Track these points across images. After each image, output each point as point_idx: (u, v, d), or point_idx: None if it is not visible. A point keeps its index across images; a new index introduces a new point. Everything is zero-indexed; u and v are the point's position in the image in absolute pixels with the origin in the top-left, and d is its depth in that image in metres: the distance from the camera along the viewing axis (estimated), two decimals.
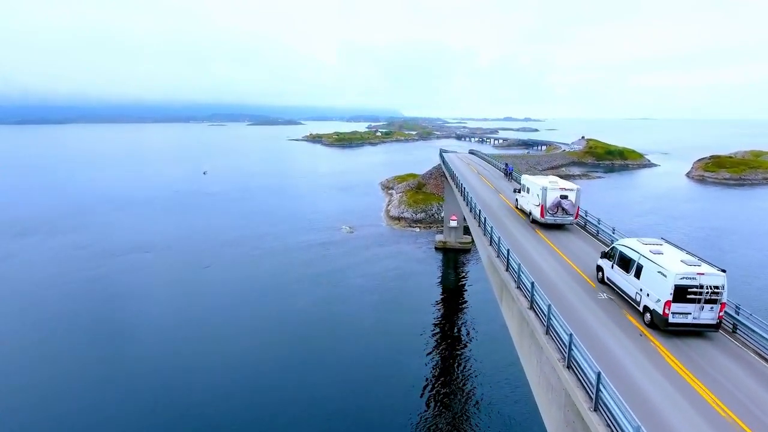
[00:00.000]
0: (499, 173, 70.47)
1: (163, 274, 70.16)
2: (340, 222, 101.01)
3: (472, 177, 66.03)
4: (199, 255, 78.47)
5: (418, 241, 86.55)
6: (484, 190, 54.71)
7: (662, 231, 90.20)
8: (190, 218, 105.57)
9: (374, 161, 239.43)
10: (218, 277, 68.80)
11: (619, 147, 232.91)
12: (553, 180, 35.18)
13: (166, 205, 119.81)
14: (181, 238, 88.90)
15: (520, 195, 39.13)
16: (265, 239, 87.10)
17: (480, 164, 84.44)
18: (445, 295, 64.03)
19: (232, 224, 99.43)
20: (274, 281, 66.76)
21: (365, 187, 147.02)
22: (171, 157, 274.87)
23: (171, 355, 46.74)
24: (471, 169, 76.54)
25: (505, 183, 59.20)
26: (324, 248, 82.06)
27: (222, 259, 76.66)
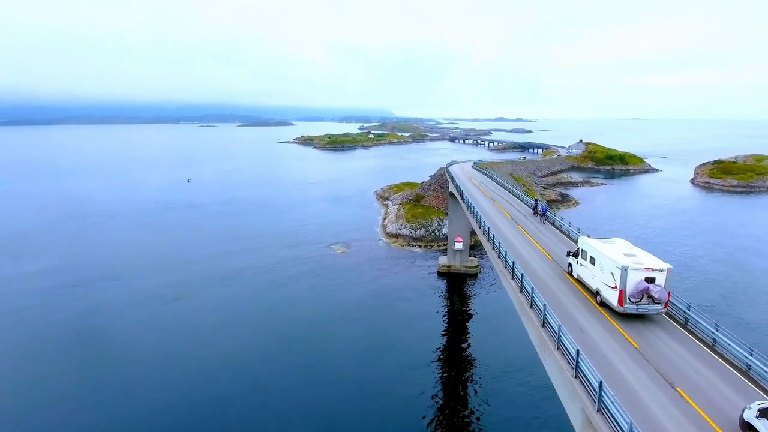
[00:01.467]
0: (521, 203, 58.62)
1: (129, 310, 61.45)
2: (333, 239, 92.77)
3: (491, 209, 54.03)
4: (168, 288, 69.72)
5: (419, 264, 78.46)
6: (514, 235, 42.46)
7: (686, 254, 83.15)
8: (166, 238, 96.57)
9: (367, 167, 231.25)
10: (186, 320, 60.14)
11: (620, 151, 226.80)
12: (629, 251, 25.76)
13: (143, 221, 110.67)
14: (154, 263, 79.86)
15: (578, 262, 29.29)
16: (246, 267, 78.25)
17: (497, 191, 71.03)
18: (450, 337, 55.99)
19: (211, 245, 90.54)
20: (253, 328, 58.08)
21: (359, 198, 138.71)
22: (156, 161, 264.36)
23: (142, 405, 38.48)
24: (483, 192, 67.89)
25: (537, 224, 46.43)
26: (313, 275, 73.63)
27: (190, 295, 67.92)
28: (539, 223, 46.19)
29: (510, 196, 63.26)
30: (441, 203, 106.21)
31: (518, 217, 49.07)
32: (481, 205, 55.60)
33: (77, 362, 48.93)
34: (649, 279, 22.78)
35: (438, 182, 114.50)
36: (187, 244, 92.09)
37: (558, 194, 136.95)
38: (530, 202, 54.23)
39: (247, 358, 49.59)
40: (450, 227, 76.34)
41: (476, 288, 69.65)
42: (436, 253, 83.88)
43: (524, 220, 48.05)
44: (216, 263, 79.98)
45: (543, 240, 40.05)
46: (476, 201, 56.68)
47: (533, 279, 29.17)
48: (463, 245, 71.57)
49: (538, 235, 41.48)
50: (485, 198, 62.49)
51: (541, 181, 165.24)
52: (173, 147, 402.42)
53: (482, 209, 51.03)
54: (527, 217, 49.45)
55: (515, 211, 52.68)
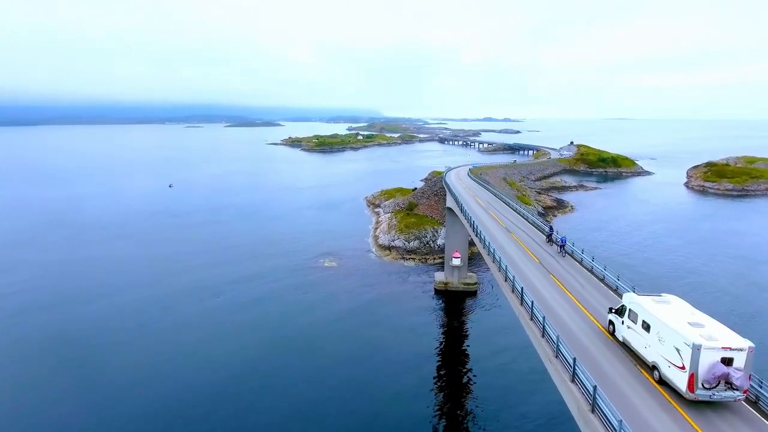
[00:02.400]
0: (532, 228, 52.27)
1: (108, 328, 55.98)
2: (322, 251, 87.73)
3: (502, 237, 47.55)
4: (145, 304, 64.24)
5: (414, 281, 73.78)
6: (532, 272, 36.56)
7: (689, 264, 79.63)
8: (145, 250, 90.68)
9: (357, 170, 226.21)
10: (164, 338, 54.81)
11: (612, 154, 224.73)
12: (693, 318, 20.80)
13: (121, 231, 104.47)
14: (132, 278, 74.26)
15: (623, 322, 23.90)
16: (229, 282, 73.04)
17: (503, 211, 63.69)
18: (449, 369, 51.42)
19: (191, 258, 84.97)
20: (234, 350, 52.96)
21: (349, 204, 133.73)
22: (138, 164, 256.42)
23: None
24: (486, 210, 62.77)
25: (555, 256, 40.47)
26: (301, 292, 68.65)
27: (167, 314, 62.50)
28: (558, 255, 40.45)
29: (520, 220, 56.66)
30: (435, 212, 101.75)
31: (534, 248, 43.06)
32: (489, 229, 49.76)
33: (50, 385, 44.04)
34: (726, 359, 18.10)
35: (431, 189, 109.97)
36: (166, 256, 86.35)
37: (553, 200, 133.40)
38: (545, 228, 48.16)
39: (226, 386, 44.97)
40: (447, 242, 71.76)
41: (476, 309, 65.14)
42: (432, 268, 79.30)
43: (540, 251, 42.10)
44: (196, 277, 74.59)
45: (570, 282, 33.87)
46: (485, 228, 49.55)
47: (566, 336, 24.60)
48: (461, 261, 67.07)
49: (561, 274, 35.44)
50: (492, 220, 56.35)
51: (535, 185, 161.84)
52: (157, 149, 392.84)
53: (492, 237, 45.40)
54: (542, 246, 43.65)
55: (527, 238, 46.73)
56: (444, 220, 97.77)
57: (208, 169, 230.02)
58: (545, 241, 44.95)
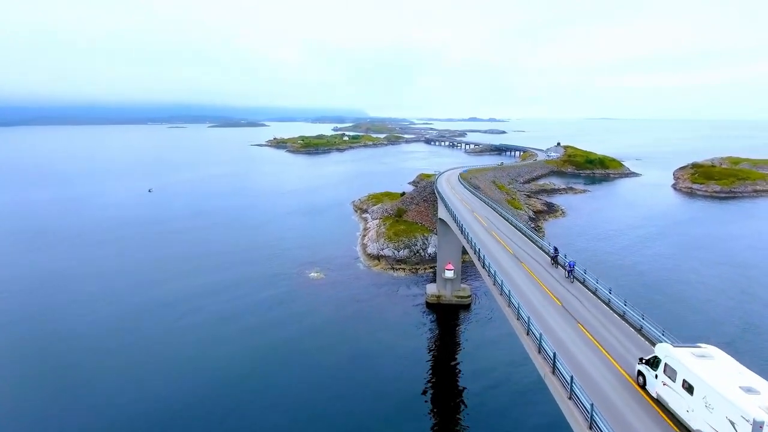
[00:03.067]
0: (531, 245, 48.57)
1: (85, 339, 51.45)
2: (308, 261, 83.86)
3: (503, 258, 43.64)
4: (117, 321, 59.79)
5: (404, 294, 70.35)
6: (540, 301, 32.82)
7: (687, 271, 77.61)
8: (116, 262, 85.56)
9: (343, 172, 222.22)
10: (127, 368, 50.46)
11: (599, 155, 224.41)
12: (743, 379, 17.63)
13: (95, 240, 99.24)
14: (106, 290, 69.52)
15: (656, 376, 20.61)
16: (205, 295, 68.78)
17: (500, 225, 58.74)
18: (443, 390, 48.16)
19: (167, 270, 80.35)
20: (209, 374, 48.97)
21: (336, 210, 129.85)
22: (119, 167, 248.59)
23: None
24: (488, 230, 59.24)
25: (563, 282, 36.74)
26: (285, 307, 64.83)
27: (138, 332, 58.15)
28: (565, 281, 36.74)
29: (519, 236, 52.55)
30: (425, 218, 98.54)
31: (538, 271, 39.39)
32: (489, 249, 46.12)
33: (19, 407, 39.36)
34: None
35: (421, 195, 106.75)
36: (141, 268, 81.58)
37: (543, 203, 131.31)
38: (549, 249, 43.58)
39: (200, 410, 41.79)
40: (439, 253, 68.48)
41: (470, 323, 62.01)
42: (423, 279, 76.03)
43: (546, 276, 38.30)
44: (172, 290, 70.31)
45: (583, 315, 30.05)
46: (484, 246, 45.97)
47: (583, 380, 21.42)
48: (454, 273, 63.90)
49: (572, 304, 31.79)
50: (490, 237, 51.77)
51: (524, 188, 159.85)
52: (138, 151, 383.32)
53: (492, 258, 42.02)
54: (546, 269, 39.95)
55: (529, 259, 43.26)
56: (434, 227, 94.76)
57: (189, 172, 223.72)
58: (550, 263, 41.47)
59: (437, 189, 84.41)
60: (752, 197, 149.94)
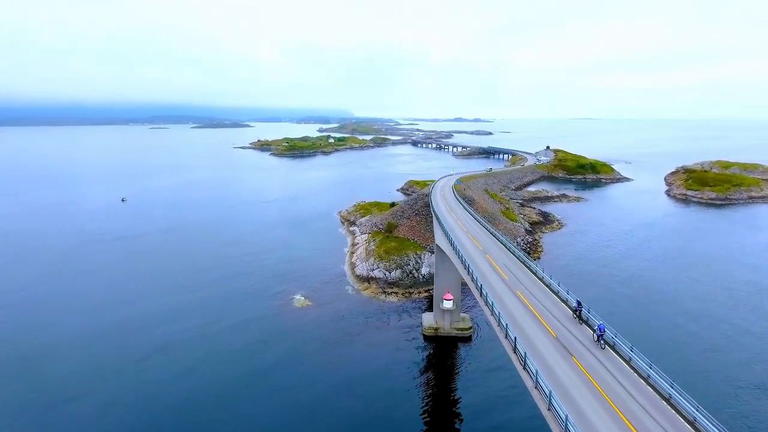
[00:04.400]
0: (548, 292, 41.88)
1: (15, 391, 44.01)
2: (292, 284, 76.96)
3: (517, 310, 37.90)
4: (58, 364, 52.30)
5: (398, 324, 63.83)
6: (571, 378, 27.16)
7: (694, 293, 72.62)
8: (83, 285, 77.64)
9: (329, 178, 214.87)
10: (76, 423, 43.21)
11: (590, 159, 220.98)
12: None
13: (58, 258, 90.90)
14: (64, 319, 61.77)
15: None
16: (176, 333, 61.37)
17: (508, 263, 51.52)
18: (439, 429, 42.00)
19: (134, 296, 72.62)
20: (177, 417, 42.14)
21: (322, 221, 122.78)
22: (93, 172, 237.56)
23: None
24: (500, 272, 52.31)
25: (582, 340, 31.53)
26: (263, 347, 57.77)
27: (95, 378, 50.78)
28: (594, 345, 30.71)
29: (534, 282, 44.89)
30: (417, 234, 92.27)
31: (559, 330, 33.23)
32: (501, 298, 40.04)
33: None
34: None
35: (412, 208, 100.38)
36: (104, 294, 73.88)
37: (538, 213, 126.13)
38: (572, 302, 37.05)
39: None
40: (437, 281, 62.08)
41: (471, 359, 55.84)
42: (418, 306, 69.65)
43: (569, 336, 32.22)
44: (137, 323, 63.02)
45: (621, 398, 24.19)
46: (497, 298, 39.98)
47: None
48: (453, 304, 57.69)
49: (606, 381, 25.98)
50: (506, 288, 44.03)
51: (517, 195, 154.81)
52: (115, 153, 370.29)
53: (503, 306, 36.14)
54: (568, 326, 33.86)
55: (545, 311, 36.78)
56: (428, 244, 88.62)
57: (167, 178, 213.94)
58: (572, 317, 35.47)
59: (435, 212, 77.16)
60: (747, 204, 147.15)
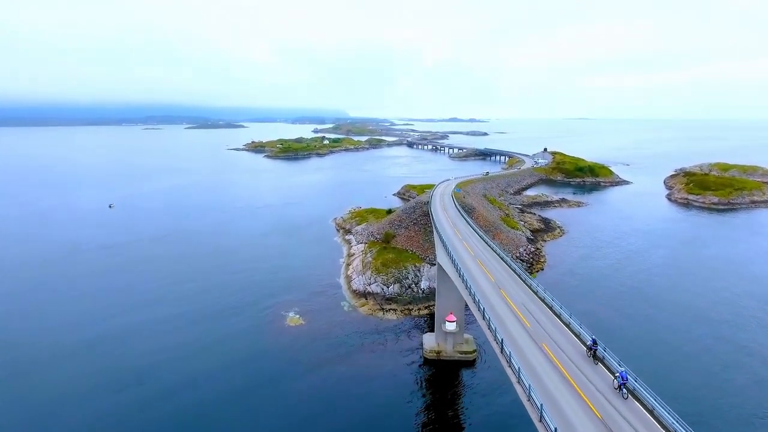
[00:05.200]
0: (553, 318, 39.02)
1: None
2: (285, 299, 73.03)
3: (516, 330, 36.55)
4: (37, 381, 48.09)
5: (397, 347, 59.95)
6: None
7: (710, 309, 69.24)
8: (61, 301, 73.23)
9: (323, 181, 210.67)
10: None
11: (588, 162, 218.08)
12: None
13: (35, 274, 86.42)
14: (30, 335, 57.40)
15: None
16: (159, 353, 57.39)
17: (516, 288, 46.89)
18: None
19: (116, 313, 68.25)
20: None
21: (316, 229, 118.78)
22: (81, 176, 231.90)
23: None
24: (499, 291, 47.69)
25: (593, 379, 29.11)
26: (250, 369, 53.86)
27: (72, 404, 46.68)
28: (615, 394, 27.23)
29: (541, 308, 41.41)
30: (416, 244, 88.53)
31: (572, 370, 30.03)
32: (507, 327, 36.66)
33: None
34: None
35: (410, 217, 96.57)
36: (85, 310, 69.78)
37: (539, 220, 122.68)
38: (587, 338, 33.31)
39: None
40: (439, 301, 58.22)
41: (476, 385, 52.11)
42: (418, 325, 65.84)
43: (583, 379, 28.94)
44: (118, 344, 59.04)
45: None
46: (501, 323, 37.07)
47: None
48: (456, 326, 53.97)
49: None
50: (504, 304, 41.76)
51: (516, 200, 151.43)
52: (105, 155, 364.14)
53: (515, 345, 32.87)
54: (580, 366, 30.55)
55: (554, 344, 33.58)
56: (426, 255, 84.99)
57: (157, 181, 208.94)
58: (586, 354, 32.07)
59: (436, 228, 72.87)
60: (750, 208, 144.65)
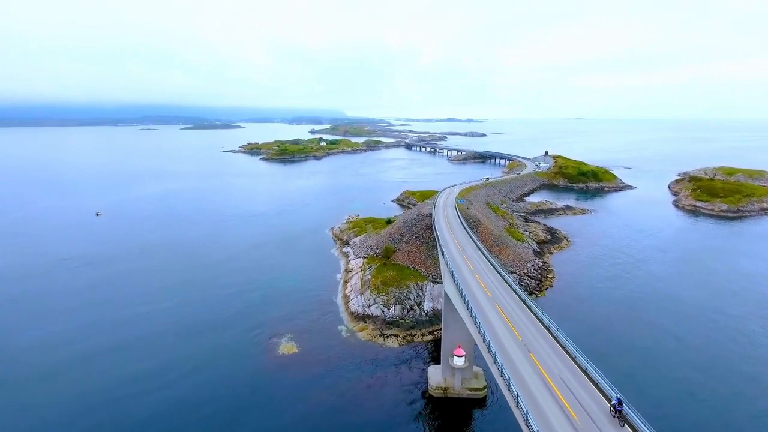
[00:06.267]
0: (574, 368, 34.84)
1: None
2: (277, 324, 67.72)
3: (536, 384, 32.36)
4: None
5: (399, 378, 54.82)
6: None
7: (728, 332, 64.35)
8: (31, 321, 67.70)
9: (320, 186, 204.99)
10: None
11: (591, 166, 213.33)
12: None
13: (10, 290, 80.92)
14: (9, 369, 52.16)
15: None
16: (135, 381, 52.14)
17: (532, 329, 41.86)
18: None
19: (93, 336, 62.78)
20: None
21: (312, 239, 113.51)
22: (69, 180, 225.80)
23: None
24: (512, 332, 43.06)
25: None
26: (237, 405, 48.69)
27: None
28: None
29: (562, 356, 36.68)
30: (417, 260, 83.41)
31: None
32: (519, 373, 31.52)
33: None
34: None
35: (411, 230, 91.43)
36: (62, 331, 64.50)
37: (544, 229, 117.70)
38: (612, 397, 29.63)
39: None
40: (446, 333, 52.94)
41: (486, 427, 47.03)
42: (421, 354, 60.63)
43: None
44: (91, 369, 53.80)
45: None
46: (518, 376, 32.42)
47: None
48: (466, 360, 48.86)
49: None
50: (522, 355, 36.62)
51: (519, 207, 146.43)
52: (98, 157, 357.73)
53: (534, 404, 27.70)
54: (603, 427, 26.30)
55: (575, 401, 29.05)
56: (429, 272, 79.94)
57: (148, 187, 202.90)
58: (610, 413, 28.71)
59: (440, 245, 67.45)
60: (760, 216, 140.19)
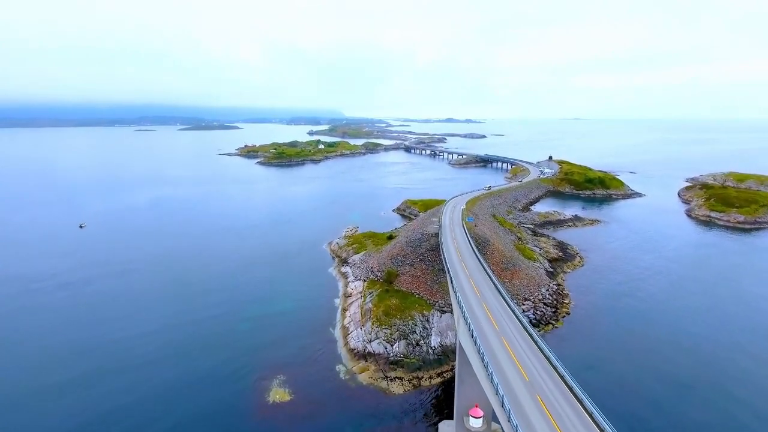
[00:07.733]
0: None
1: None
2: (268, 364, 60.63)
3: None
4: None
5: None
6: None
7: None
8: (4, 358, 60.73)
9: (317, 193, 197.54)
10: None
11: (597, 172, 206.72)
12: None
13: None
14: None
15: None
16: (102, 423, 45.22)
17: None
18: None
19: (56, 387, 55.64)
20: None
21: (308, 257, 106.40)
22: (54, 187, 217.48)
23: None
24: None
25: None
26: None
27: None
28: None
29: None
30: (422, 287, 76.39)
31: None
32: None
33: None
34: None
35: (415, 252, 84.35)
36: (24, 373, 57.35)
37: (555, 245, 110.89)
38: None
39: None
40: (460, 389, 45.87)
41: None
42: (429, 402, 53.61)
43: None
44: (58, 415, 46.65)
45: None
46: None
47: None
48: (484, 422, 41.99)
49: None
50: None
51: (526, 218, 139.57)
52: (88, 161, 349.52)
53: None
54: None
55: None
56: (435, 300, 73.01)
57: (139, 194, 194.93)
58: None
59: (452, 283, 59.42)
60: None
